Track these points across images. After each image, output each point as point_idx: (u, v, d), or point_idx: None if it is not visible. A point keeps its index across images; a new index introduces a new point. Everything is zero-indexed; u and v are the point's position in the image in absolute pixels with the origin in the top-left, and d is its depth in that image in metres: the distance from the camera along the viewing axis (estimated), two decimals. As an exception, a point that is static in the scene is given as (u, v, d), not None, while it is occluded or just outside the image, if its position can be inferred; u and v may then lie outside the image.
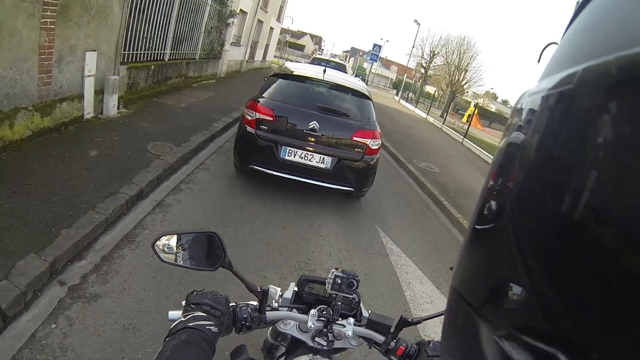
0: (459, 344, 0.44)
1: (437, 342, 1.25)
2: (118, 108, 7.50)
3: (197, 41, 12.52)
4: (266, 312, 1.21)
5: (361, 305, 1.38)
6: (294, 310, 1.31)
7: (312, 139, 5.23)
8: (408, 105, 30.76)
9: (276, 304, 1.28)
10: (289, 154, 5.26)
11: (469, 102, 43.00)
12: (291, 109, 5.31)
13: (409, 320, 1.26)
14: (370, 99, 5.92)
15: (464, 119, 31.13)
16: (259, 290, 1.18)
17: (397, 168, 9.71)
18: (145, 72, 8.97)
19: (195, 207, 4.94)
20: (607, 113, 0.28)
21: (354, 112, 5.66)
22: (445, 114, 24.73)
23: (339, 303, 1.28)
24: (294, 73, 5.75)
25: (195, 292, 1.13)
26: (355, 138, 5.37)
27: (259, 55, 25.38)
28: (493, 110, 50.17)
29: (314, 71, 5.98)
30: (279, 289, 1.37)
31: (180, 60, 11.18)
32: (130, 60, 8.18)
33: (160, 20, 9.12)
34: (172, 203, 4.94)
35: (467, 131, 19.38)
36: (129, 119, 7.35)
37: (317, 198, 6.02)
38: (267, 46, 27.47)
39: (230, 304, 1.17)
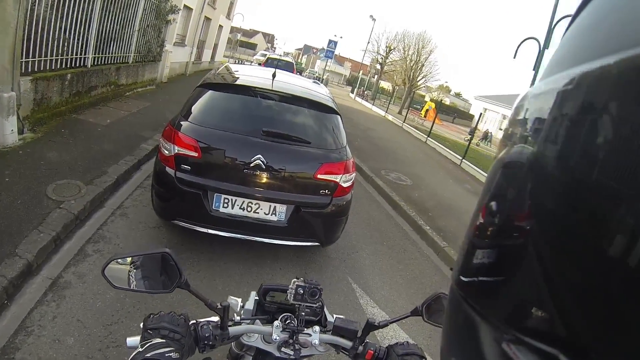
0: (459, 344, 0.44)
1: (405, 342, 1.27)
2: (21, 132, 5.73)
3: (130, 42, 10.50)
4: (229, 328, 1.18)
5: (325, 310, 1.35)
6: (257, 321, 1.28)
7: (258, 181, 3.69)
8: (365, 102, 29.83)
9: (238, 317, 1.27)
10: (225, 205, 3.71)
11: (424, 96, 42.70)
12: (226, 137, 3.67)
13: (376, 323, 1.27)
14: (339, 114, 4.32)
15: (422, 114, 30.63)
16: (219, 306, 1.15)
17: (363, 184, 8.41)
18: (60, 83, 6.98)
19: (103, 284, 3.29)
20: (607, 114, 0.28)
21: (317, 135, 4.05)
22: (406, 111, 23.74)
23: (303, 313, 1.26)
24: (231, 81, 4.15)
25: (152, 316, 1.09)
26: (320, 175, 3.80)
27: (207, 56, 23.51)
28: (447, 103, 50.22)
29: (259, 76, 4.34)
30: (240, 300, 1.34)
31: (107, 65, 9.16)
32: (36, 69, 6.26)
33: (78, 16, 7.20)
34: (72, 281, 3.34)
35: (430, 130, 18.41)
36: (32, 147, 5.52)
37: (271, 250, 4.60)
38: (215, 46, 25.66)
39: (191, 322, 1.15)
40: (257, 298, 1.37)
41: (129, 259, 1.12)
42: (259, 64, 22.32)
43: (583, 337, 0.27)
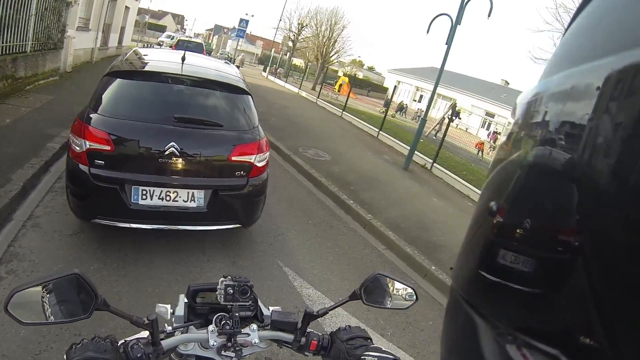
0: (459, 344, 0.44)
1: (347, 327, 1.24)
2: None
3: (27, 28, 9.01)
4: (161, 342, 1.08)
5: (260, 304, 1.28)
6: (192, 327, 1.19)
7: (174, 169, 3.59)
8: (278, 80, 29.27)
9: (170, 327, 1.16)
10: (144, 197, 3.57)
11: (337, 72, 42.98)
12: (138, 127, 3.54)
13: (315, 313, 1.23)
14: (249, 94, 4.30)
15: (336, 88, 30.78)
16: (146, 321, 1.04)
17: (282, 164, 8.27)
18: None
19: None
20: (608, 113, 0.28)
21: (229, 117, 4.03)
22: (319, 87, 23.66)
23: (237, 314, 1.19)
24: (140, 68, 4.01)
25: (74, 347, 0.98)
26: (234, 157, 3.80)
27: (114, 40, 21.24)
28: (361, 77, 50.92)
29: (168, 60, 4.28)
30: (169, 307, 1.23)
31: (2, 56, 7.89)
32: None
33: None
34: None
35: (345, 103, 18.53)
36: None
37: (197, 241, 4.33)
38: (123, 29, 23.10)
39: (119, 343, 1.04)
40: (186, 301, 1.28)
41: (35, 288, 0.97)
42: (170, 47, 22.23)
43: (583, 336, 0.27)
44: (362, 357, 1.13)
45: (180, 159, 3.56)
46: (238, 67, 29.97)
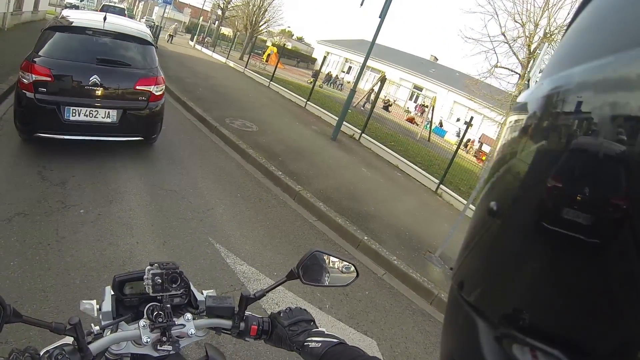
0: (459, 344, 0.44)
1: (288, 309, 1.21)
2: None
3: None
4: (89, 346, 0.96)
5: (193, 289, 1.19)
6: (123, 323, 1.07)
7: (96, 95, 5.11)
8: (205, 50, 27.91)
9: (97, 327, 1.04)
10: (74, 114, 5.02)
11: (265, 41, 41.88)
12: (71, 65, 5.01)
13: (251, 296, 1.17)
14: (153, 45, 6.03)
15: (264, 58, 30.11)
16: (68, 326, 0.92)
17: (209, 135, 7.96)
18: None
19: None
20: (608, 114, 0.28)
21: (136, 60, 5.64)
22: (248, 57, 22.94)
23: (168, 305, 1.09)
24: (72, 24, 5.32)
25: None
26: (138, 87, 5.44)
27: (28, 5, 18.87)
28: (290, 47, 50.11)
29: (93, 20, 5.62)
30: (94, 302, 1.10)
31: None
32: None
33: None
34: None
35: (273, 74, 18.14)
36: None
37: (124, 224, 4.07)
38: None
39: (42, 353, 0.90)
40: (113, 294, 1.17)
41: None
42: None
43: (583, 336, 0.27)
44: (305, 343, 1.09)
45: (101, 88, 5.06)
46: (171, 36, 26.88)
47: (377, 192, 7.59)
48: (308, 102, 15.08)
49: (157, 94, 5.61)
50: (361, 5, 11.71)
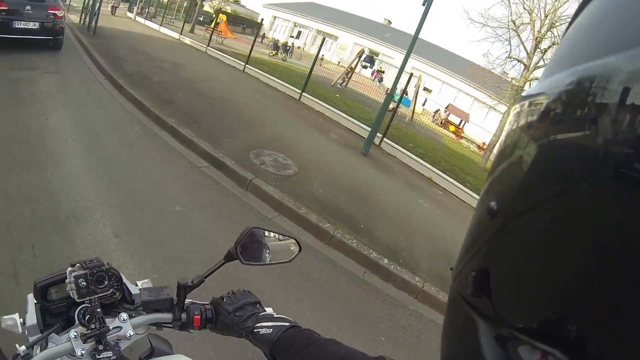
0: (458, 344, 0.44)
1: (231, 293, 1.13)
2: None
3: None
4: None
5: (125, 282, 1.12)
6: (52, 336, 0.99)
7: (30, 14, 8.96)
8: (150, 24, 23.42)
9: (23, 347, 0.91)
10: (18, 24, 8.80)
11: (203, 7, 37.11)
12: (16, 1, 8.74)
13: (189, 283, 1.08)
14: None
15: (211, 27, 26.31)
16: None
17: (244, 199, 5.21)
18: None
19: None
20: (608, 114, 0.28)
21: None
22: (209, 34, 18.90)
23: (99, 310, 0.99)
24: None
25: None
26: (49, 10, 9.42)
27: None
28: (229, 11, 45.76)
29: None
30: (17, 316, 1.03)
31: None
32: None
33: None
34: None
35: (249, 57, 15.07)
36: None
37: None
38: None
39: None
40: (36, 302, 1.07)
41: None
42: None
43: (583, 336, 0.27)
44: (255, 330, 1.01)
45: (31, 11, 8.96)
46: (114, 7, 22.23)
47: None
48: (303, 94, 12.46)
49: (59, 15, 9.68)
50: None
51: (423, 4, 8.59)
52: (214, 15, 30.24)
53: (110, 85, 8.36)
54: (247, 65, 14.77)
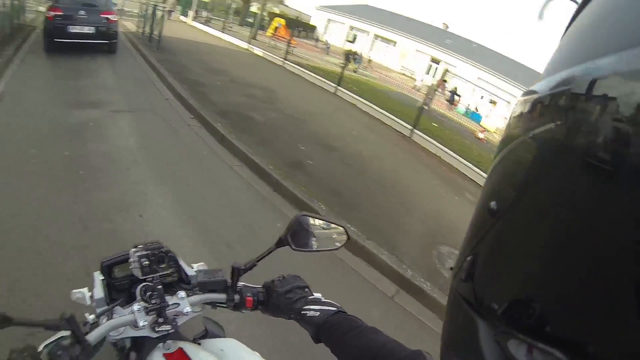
0: (458, 344, 0.44)
1: (282, 277, 1.18)
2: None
3: None
4: (86, 337, 0.94)
5: (182, 264, 1.24)
6: (117, 309, 1.09)
7: (84, 18, 9.26)
8: (209, 30, 21.48)
9: (92, 316, 1.04)
10: (73, 28, 9.13)
11: (254, 12, 34.11)
12: (70, 6, 9.15)
13: (242, 267, 1.15)
14: None
15: (269, 32, 24.30)
16: (62, 321, 0.90)
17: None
18: None
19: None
20: (608, 113, 0.28)
21: (100, 3, 9.85)
22: (287, 47, 16.39)
23: (160, 286, 1.08)
24: None
25: None
26: (102, 15, 9.60)
27: None
28: (276, 12, 43.66)
29: None
30: (85, 290, 1.19)
31: None
32: None
33: None
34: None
35: (341, 78, 12.95)
36: None
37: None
38: None
39: (40, 349, 0.90)
40: (102, 278, 1.20)
41: None
42: None
43: (583, 336, 0.27)
44: (302, 312, 1.08)
45: (86, 16, 9.28)
46: (170, 11, 20.65)
47: None
48: (414, 131, 10.32)
49: (112, 19, 9.89)
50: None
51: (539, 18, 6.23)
52: (263, 17, 27.96)
53: (206, 132, 6.26)
54: (338, 88, 12.76)
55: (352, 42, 39.35)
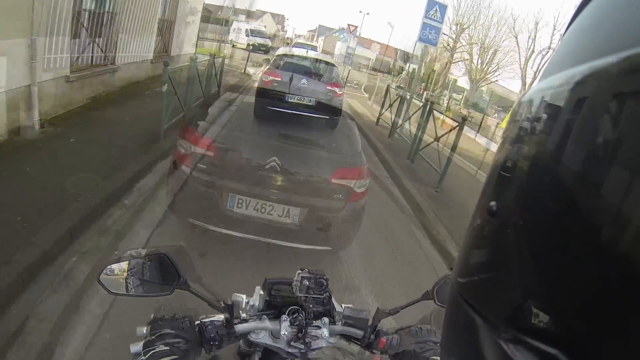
0: (458, 344, 0.44)
1: (418, 327, 1.23)
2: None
3: None
4: (235, 326, 1.12)
5: (333, 300, 1.28)
6: (265, 317, 1.19)
7: (272, 183, 3.53)
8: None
9: (244, 314, 1.19)
10: (239, 205, 3.51)
11: (464, 89, 28.96)
12: (242, 138, 3.88)
13: (387, 311, 1.24)
14: (353, 119, 5.27)
15: (503, 125, 22.80)
16: (223, 305, 1.11)
17: None
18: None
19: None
20: (608, 114, 0.28)
21: (333, 140, 4.44)
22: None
23: (310, 306, 1.19)
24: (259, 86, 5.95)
25: (155, 320, 1.07)
26: (334, 180, 3.63)
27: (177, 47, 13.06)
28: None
29: (283, 81, 6.46)
30: (244, 297, 1.26)
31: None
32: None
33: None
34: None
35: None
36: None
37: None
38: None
39: (196, 322, 1.11)
40: (262, 293, 1.27)
41: (125, 263, 1.07)
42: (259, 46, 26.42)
43: (583, 336, 0.27)
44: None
45: (280, 175, 3.54)
46: (401, 87, 18.94)
47: None
48: None
49: (359, 191, 3.79)
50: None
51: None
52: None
53: None
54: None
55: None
